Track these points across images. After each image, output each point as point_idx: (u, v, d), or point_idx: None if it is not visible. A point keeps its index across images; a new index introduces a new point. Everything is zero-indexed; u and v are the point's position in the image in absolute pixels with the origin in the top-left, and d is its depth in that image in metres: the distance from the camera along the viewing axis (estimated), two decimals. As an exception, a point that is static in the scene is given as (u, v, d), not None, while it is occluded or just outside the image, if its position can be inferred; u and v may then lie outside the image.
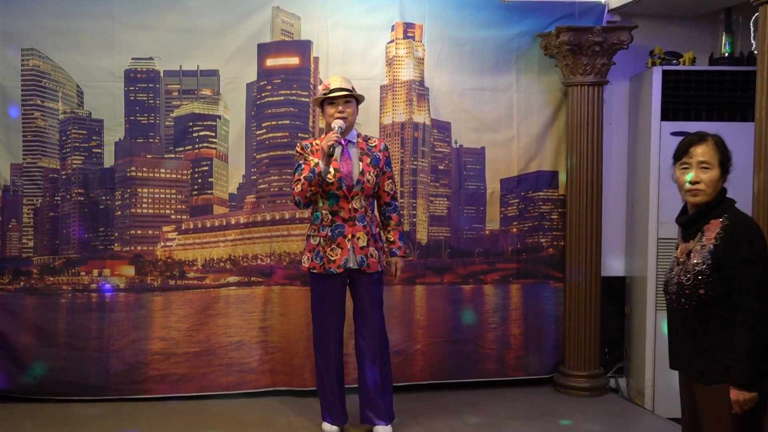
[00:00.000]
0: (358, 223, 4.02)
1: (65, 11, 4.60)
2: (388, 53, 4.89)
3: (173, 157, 4.79)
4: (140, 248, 4.78)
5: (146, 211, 4.78)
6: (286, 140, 4.79)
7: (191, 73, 4.76)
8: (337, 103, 3.99)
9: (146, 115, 4.76)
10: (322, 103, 4.06)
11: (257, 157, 4.84)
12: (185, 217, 4.83)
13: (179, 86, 4.78)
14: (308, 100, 4.79)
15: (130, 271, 4.77)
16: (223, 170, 4.84)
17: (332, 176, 3.95)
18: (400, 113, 4.93)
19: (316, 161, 3.93)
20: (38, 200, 4.72)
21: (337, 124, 3.93)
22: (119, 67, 4.68)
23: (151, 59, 4.72)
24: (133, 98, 4.73)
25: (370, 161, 4.06)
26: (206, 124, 4.81)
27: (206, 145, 4.81)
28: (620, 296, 5.22)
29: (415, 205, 4.98)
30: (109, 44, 4.65)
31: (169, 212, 4.81)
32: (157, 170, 4.79)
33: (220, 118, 4.81)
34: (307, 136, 4.76)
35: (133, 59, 4.70)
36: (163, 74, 4.74)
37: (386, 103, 4.92)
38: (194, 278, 4.83)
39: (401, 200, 4.86)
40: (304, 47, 4.81)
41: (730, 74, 4.74)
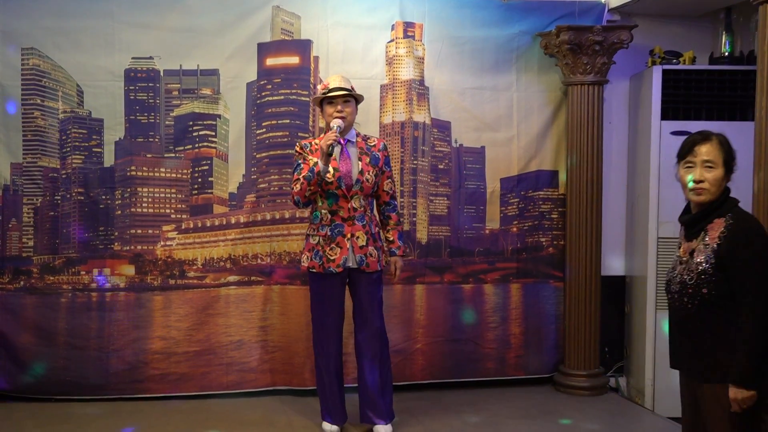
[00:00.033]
0: (357, 222, 4.01)
1: (65, 10, 4.60)
2: (388, 52, 4.89)
3: (173, 156, 4.80)
4: (140, 247, 4.78)
5: (146, 210, 4.78)
6: (286, 139, 4.79)
7: (191, 72, 4.76)
8: (336, 102, 3.99)
9: (146, 114, 4.76)
10: (321, 102, 4.05)
11: (257, 156, 4.84)
12: (185, 216, 4.83)
13: (179, 85, 4.78)
14: (308, 99, 4.79)
15: (130, 270, 4.77)
16: (223, 169, 4.84)
17: (331, 176, 3.95)
18: (400, 112, 4.93)
19: (315, 161, 3.93)
20: (38, 199, 4.72)
21: (336, 123, 3.93)
22: (119, 66, 4.68)
23: (151, 58, 4.72)
24: (133, 97, 4.73)
25: (369, 161, 4.06)
26: (206, 123, 4.81)
27: (206, 144, 4.81)
28: (620, 295, 5.22)
29: (415, 204, 4.98)
30: (109, 43, 4.65)
31: (169, 211, 4.81)
32: (157, 169, 4.79)
33: (220, 117, 4.81)
34: (307, 135, 4.76)
35: (133, 58, 4.70)
36: (163, 73, 4.74)
37: (386, 102, 4.92)
38: (194, 277, 4.84)
39: (401, 199, 4.86)
40: (304, 46, 4.81)
41: (730, 73, 4.74)
